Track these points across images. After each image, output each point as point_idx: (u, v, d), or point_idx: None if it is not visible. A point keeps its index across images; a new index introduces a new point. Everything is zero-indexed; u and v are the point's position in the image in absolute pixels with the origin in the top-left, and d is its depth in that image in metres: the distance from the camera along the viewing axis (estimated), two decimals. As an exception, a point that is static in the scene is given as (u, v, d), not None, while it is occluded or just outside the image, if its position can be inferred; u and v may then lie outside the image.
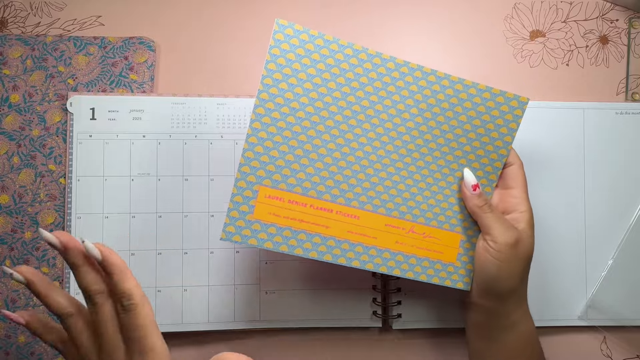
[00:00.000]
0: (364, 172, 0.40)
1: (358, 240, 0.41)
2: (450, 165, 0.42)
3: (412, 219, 0.42)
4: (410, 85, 0.40)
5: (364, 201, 0.41)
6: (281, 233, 0.39)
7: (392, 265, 0.42)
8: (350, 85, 0.39)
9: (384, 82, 0.40)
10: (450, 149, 0.41)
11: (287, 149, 0.39)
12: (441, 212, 0.42)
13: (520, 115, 0.41)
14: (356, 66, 0.39)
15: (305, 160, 0.39)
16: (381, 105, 0.40)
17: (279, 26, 0.38)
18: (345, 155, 0.40)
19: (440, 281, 0.43)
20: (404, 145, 0.41)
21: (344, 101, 0.39)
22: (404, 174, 0.41)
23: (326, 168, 0.40)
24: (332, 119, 0.39)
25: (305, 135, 0.39)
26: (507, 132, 0.41)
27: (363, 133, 0.40)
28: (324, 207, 0.40)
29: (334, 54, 0.39)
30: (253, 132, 0.38)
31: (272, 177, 0.39)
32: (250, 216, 0.39)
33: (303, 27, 0.38)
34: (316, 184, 0.40)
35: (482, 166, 0.42)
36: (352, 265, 0.41)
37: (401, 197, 0.41)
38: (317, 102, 0.39)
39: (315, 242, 0.40)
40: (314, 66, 0.39)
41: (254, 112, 0.38)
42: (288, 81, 0.38)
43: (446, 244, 0.42)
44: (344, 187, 0.40)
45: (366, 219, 0.41)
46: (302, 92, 0.39)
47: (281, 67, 0.38)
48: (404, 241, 0.42)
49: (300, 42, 0.38)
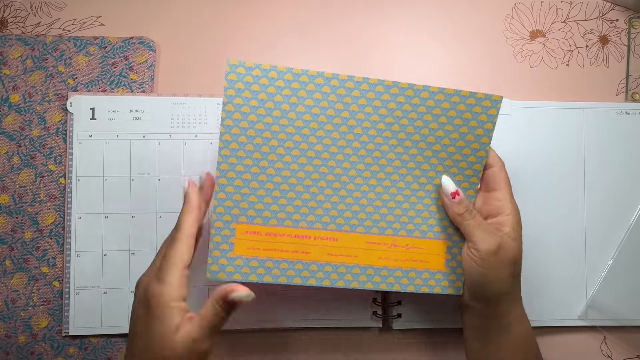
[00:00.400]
0: (337, 195, 0.40)
1: (340, 261, 0.41)
2: (427, 174, 0.41)
3: (392, 233, 0.42)
4: (374, 101, 0.40)
5: (341, 223, 0.41)
6: (263, 265, 0.40)
7: (377, 280, 0.42)
8: (311, 112, 0.39)
9: (345, 102, 0.39)
10: (424, 157, 0.41)
11: (257, 185, 0.39)
12: (423, 222, 0.42)
13: (495, 115, 0.40)
14: (314, 92, 0.39)
15: (277, 192, 0.40)
16: (345, 127, 0.40)
17: (230, 67, 0.38)
18: (315, 181, 0.40)
19: (429, 289, 0.43)
20: (375, 161, 0.40)
21: (307, 129, 0.39)
22: (379, 190, 0.41)
23: (298, 196, 0.40)
24: (297, 148, 0.39)
25: (273, 168, 0.39)
26: (483, 133, 0.41)
27: (331, 156, 0.40)
28: (301, 235, 0.40)
29: (290, 84, 0.39)
30: (222, 174, 0.39)
31: (246, 213, 0.40)
32: (231, 253, 0.40)
33: (254, 63, 0.38)
34: (291, 214, 0.40)
35: (461, 170, 0.41)
36: (337, 285, 0.41)
37: (378, 213, 0.41)
38: (280, 134, 0.39)
39: (297, 268, 0.41)
40: (272, 99, 0.39)
41: (219, 155, 0.39)
42: (248, 119, 0.39)
43: (432, 252, 0.42)
44: (319, 212, 0.40)
45: (345, 240, 0.41)
46: (263, 127, 0.39)
47: (239, 106, 0.38)
48: (387, 256, 0.42)
49: (254, 78, 0.38)
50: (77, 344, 0.49)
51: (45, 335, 0.49)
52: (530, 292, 0.50)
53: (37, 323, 0.49)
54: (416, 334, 0.51)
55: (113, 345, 0.49)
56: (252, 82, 0.38)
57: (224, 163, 0.39)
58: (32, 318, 0.49)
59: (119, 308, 0.48)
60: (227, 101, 0.38)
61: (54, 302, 0.49)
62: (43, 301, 0.49)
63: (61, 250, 0.49)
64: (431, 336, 0.51)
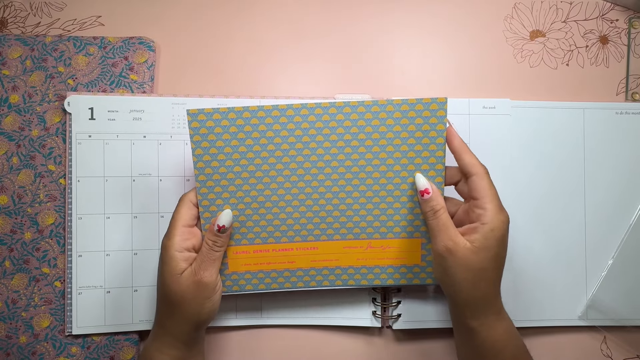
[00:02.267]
0: (310, 211, 0.44)
1: (323, 265, 0.46)
2: (393, 181, 0.44)
3: (366, 237, 0.45)
4: (330, 123, 0.42)
5: (318, 234, 0.45)
6: (256, 276, 0.45)
7: (358, 278, 0.46)
8: (274, 142, 0.42)
9: (303, 128, 0.42)
10: (387, 166, 0.43)
11: (237, 212, 0.44)
12: (395, 224, 0.45)
13: (443, 116, 0.42)
14: (272, 124, 0.42)
15: (256, 216, 0.44)
16: (308, 150, 0.43)
17: (191, 115, 0.41)
18: (289, 202, 0.44)
19: (407, 282, 0.46)
20: (341, 177, 0.44)
21: (273, 157, 0.43)
22: (349, 202, 0.44)
23: (276, 217, 0.44)
24: (267, 176, 0.43)
25: (249, 197, 0.43)
26: (436, 135, 0.42)
27: (299, 178, 0.43)
28: (284, 248, 0.45)
29: (249, 121, 0.42)
30: (205, 209, 0.43)
31: (233, 237, 0.44)
32: (227, 271, 0.45)
33: (212, 108, 0.41)
34: (272, 232, 0.44)
35: (424, 173, 0.43)
36: (323, 286, 0.46)
37: (351, 221, 0.45)
38: (249, 166, 0.43)
39: (286, 275, 0.46)
40: (235, 138, 0.42)
41: (198, 193, 0.43)
42: (217, 158, 0.42)
43: (407, 250, 0.45)
44: (296, 227, 0.44)
45: (325, 248, 0.45)
46: (233, 164, 0.43)
47: (207, 149, 0.42)
48: (365, 256, 0.45)
49: (215, 122, 0.42)
50: (80, 342, 0.49)
51: (47, 335, 0.49)
52: (530, 292, 0.50)
53: (39, 323, 0.49)
54: (416, 334, 0.51)
55: (116, 343, 0.49)
56: (214, 126, 0.42)
57: (204, 200, 0.43)
58: (34, 318, 0.49)
59: (122, 307, 0.49)
60: (195, 147, 0.42)
61: (56, 302, 0.49)
62: (45, 301, 0.49)
63: (62, 250, 0.49)
64: (431, 336, 0.51)
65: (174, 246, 0.41)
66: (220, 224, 0.42)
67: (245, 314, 0.50)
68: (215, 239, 0.42)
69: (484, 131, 0.50)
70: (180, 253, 0.41)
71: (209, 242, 0.42)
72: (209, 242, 0.42)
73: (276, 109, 0.42)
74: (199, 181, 0.43)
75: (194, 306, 0.41)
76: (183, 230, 0.42)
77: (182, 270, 0.41)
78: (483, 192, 0.40)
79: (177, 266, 0.41)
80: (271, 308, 0.50)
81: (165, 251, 0.41)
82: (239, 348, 0.50)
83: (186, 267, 0.41)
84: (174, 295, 0.40)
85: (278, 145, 0.42)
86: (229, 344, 0.50)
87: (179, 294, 0.40)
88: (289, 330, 0.51)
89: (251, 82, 0.52)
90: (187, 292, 0.40)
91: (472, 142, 0.50)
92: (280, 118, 0.42)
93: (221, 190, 0.43)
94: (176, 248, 0.41)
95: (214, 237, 0.42)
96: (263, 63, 0.53)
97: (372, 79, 0.53)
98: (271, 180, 0.43)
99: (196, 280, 0.40)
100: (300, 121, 0.42)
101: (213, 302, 0.42)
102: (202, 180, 0.43)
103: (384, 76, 0.53)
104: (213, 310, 0.42)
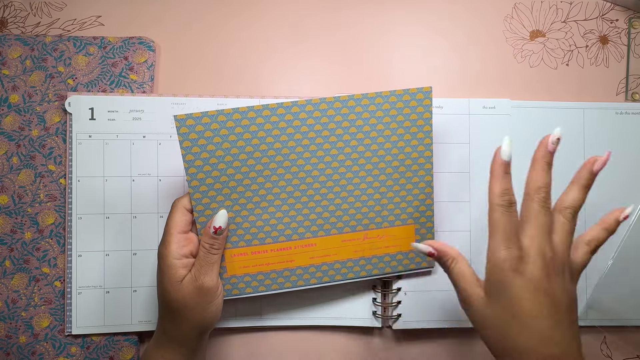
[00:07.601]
0: (306, 207, 0.44)
1: (322, 261, 0.46)
2: (385, 171, 0.45)
3: (363, 229, 0.46)
4: (322, 119, 0.43)
5: (315, 230, 0.45)
6: (255, 278, 0.45)
7: (357, 270, 0.47)
8: (266, 142, 0.42)
9: (295, 126, 0.42)
10: (379, 157, 0.44)
11: (233, 215, 0.43)
12: (389, 213, 0.46)
13: (429, 104, 0.44)
14: (264, 124, 0.42)
15: (252, 217, 0.44)
16: (301, 147, 0.43)
17: (179, 121, 0.41)
18: (285, 200, 0.44)
19: (404, 268, 0.48)
20: (335, 171, 0.44)
21: (265, 157, 0.43)
22: (344, 195, 0.45)
23: (272, 216, 0.44)
24: (261, 176, 0.43)
25: (244, 198, 0.43)
26: (424, 123, 0.44)
27: (294, 176, 0.44)
28: (282, 248, 0.45)
29: (239, 122, 0.42)
30: (200, 214, 0.43)
31: (230, 240, 0.44)
32: (226, 274, 0.45)
33: (201, 112, 0.41)
34: (269, 232, 0.44)
35: (414, 160, 0.45)
36: (323, 282, 0.46)
37: (347, 214, 0.45)
38: (243, 167, 0.43)
39: (285, 275, 0.46)
40: (226, 140, 0.42)
41: (192, 199, 0.42)
42: (209, 162, 0.42)
43: (402, 237, 0.47)
44: (293, 225, 0.45)
45: (323, 243, 0.45)
46: (226, 166, 0.42)
47: (198, 154, 0.42)
48: (362, 248, 0.46)
49: (205, 125, 0.41)
50: (80, 342, 0.49)
51: (47, 335, 0.49)
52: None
53: (39, 323, 0.49)
54: (416, 334, 0.51)
55: (115, 343, 0.49)
56: (204, 130, 0.41)
57: (198, 205, 0.43)
58: (34, 318, 0.49)
59: (121, 307, 0.49)
60: (185, 152, 0.41)
61: (56, 302, 0.49)
62: (44, 301, 0.49)
63: (62, 250, 0.49)
64: (431, 336, 0.51)
65: (172, 254, 0.40)
66: (217, 225, 0.41)
67: (245, 316, 0.50)
68: (212, 242, 0.42)
69: (484, 131, 0.50)
70: (178, 260, 0.40)
71: (206, 246, 0.41)
72: (206, 246, 0.41)
73: (267, 109, 0.41)
74: (192, 187, 0.42)
75: (198, 312, 0.40)
76: (179, 237, 0.41)
77: (182, 277, 0.40)
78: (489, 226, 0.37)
79: (176, 274, 0.40)
80: (271, 309, 0.50)
81: (163, 260, 0.41)
82: (239, 350, 0.50)
83: (186, 274, 0.41)
84: (177, 303, 0.40)
85: (270, 145, 0.42)
86: (229, 346, 0.50)
87: (182, 301, 0.40)
88: (290, 332, 0.51)
89: (251, 82, 0.52)
90: (189, 299, 0.40)
91: (472, 142, 0.50)
92: (271, 117, 0.42)
93: (215, 194, 0.43)
94: (174, 255, 0.40)
95: (210, 239, 0.42)
96: (263, 63, 0.53)
97: (372, 79, 0.53)
98: (265, 179, 0.43)
99: (197, 285, 0.40)
100: (291, 119, 0.42)
101: (216, 305, 0.42)
102: (195, 186, 0.42)
103: (384, 76, 0.53)
104: (217, 314, 0.42)
